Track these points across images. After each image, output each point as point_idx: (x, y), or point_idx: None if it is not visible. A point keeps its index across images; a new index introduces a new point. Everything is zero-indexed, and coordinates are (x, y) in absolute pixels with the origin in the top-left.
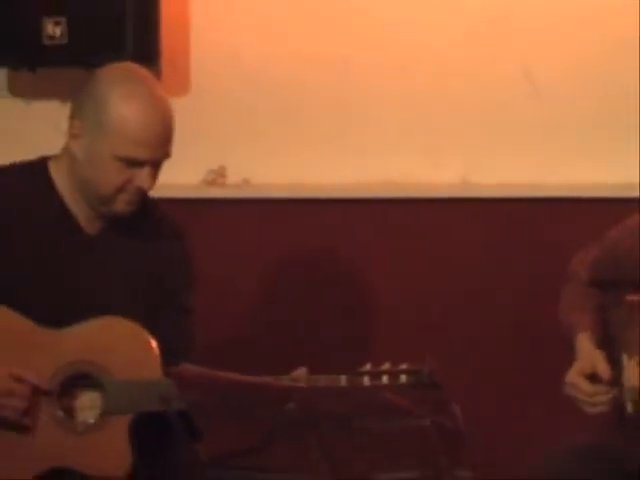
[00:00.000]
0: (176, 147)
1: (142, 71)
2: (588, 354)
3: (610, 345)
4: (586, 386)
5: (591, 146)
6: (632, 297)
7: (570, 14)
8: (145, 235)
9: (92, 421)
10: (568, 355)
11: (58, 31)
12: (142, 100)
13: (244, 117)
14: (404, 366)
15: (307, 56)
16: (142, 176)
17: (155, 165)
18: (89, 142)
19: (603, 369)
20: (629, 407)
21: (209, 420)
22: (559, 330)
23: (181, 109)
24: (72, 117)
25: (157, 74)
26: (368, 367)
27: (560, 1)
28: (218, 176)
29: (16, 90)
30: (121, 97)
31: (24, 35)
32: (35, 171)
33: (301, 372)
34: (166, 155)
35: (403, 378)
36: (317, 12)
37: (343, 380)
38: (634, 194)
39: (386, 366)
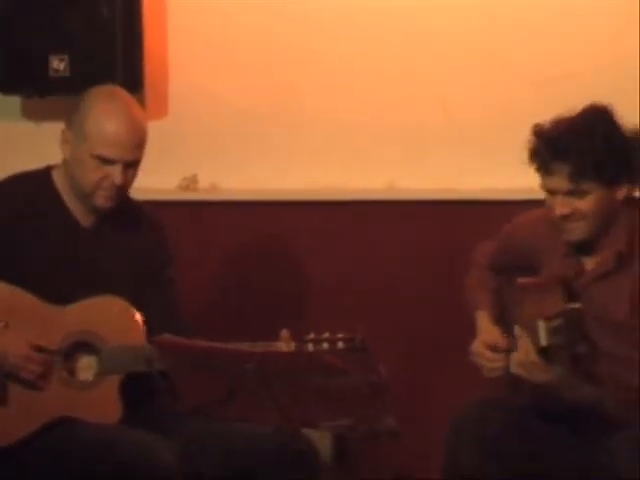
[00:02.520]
0: (156, 158)
1: (122, 92)
2: (488, 328)
3: (504, 319)
4: (488, 354)
5: (495, 157)
6: (522, 280)
7: (481, 50)
8: (131, 226)
9: (90, 379)
10: (474, 328)
11: (62, 65)
12: (116, 111)
13: (212, 134)
14: (341, 335)
15: (265, 86)
16: (114, 173)
17: (127, 165)
18: (74, 146)
19: (501, 341)
20: (513, 368)
21: (184, 376)
22: (465, 307)
23: (160, 128)
24: (65, 127)
25: (141, 100)
26: (312, 336)
27: (469, 45)
28: (191, 182)
29: (28, 114)
30: (100, 108)
31: (34, 69)
32: (40, 177)
33: (285, 333)
34: (136, 158)
35: (340, 344)
36: (273, 52)
37: (292, 345)
38: (531, 197)
39: (326, 335)
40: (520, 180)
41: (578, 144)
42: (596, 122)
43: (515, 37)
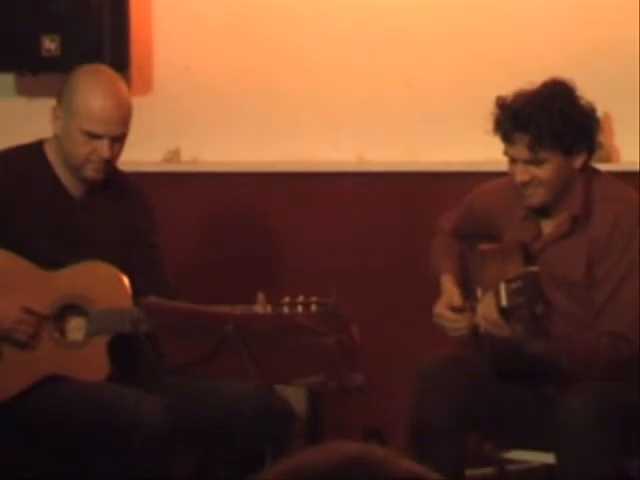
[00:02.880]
0: (142, 133)
1: (107, 70)
2: (450, 291)
3: (467, 282)
4: (449, 315)
5: (458, 132)
6: (483, 246)
7: (443, 32)
8: (117, 195)
9: (80, 340)
10: (437, 291)
11: (53, 45)
12: (101, 89)
13: (194, 111)
14: (314, 299)
15: (242, 67)
16: (102, 147)
17: (113, 140)
18: (64, 122)
19: (461, 303)
20: (482, 329)
21: (168, 337)
22: (431, 272)
23: (146, 105)
24: (55, 105)
25: (127, 78)
26: (287, 299)
27: (436, 23)
28: (174, 155)
29: (21, 91)
30: (87, 87)
31: (28, 48)
32: (33, 151)
33: (261, 296)
34: (122, 133)
35: (313, 307)
36: (249, 36)
37: (268, 308)
38: (490, 168)
39: (300, 298)
40: (480, 153)
41: (537, 116)
42: (554, 95)
43: (476, 18)
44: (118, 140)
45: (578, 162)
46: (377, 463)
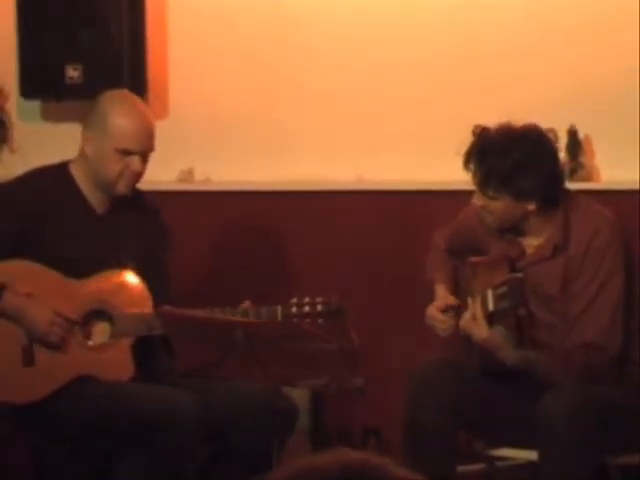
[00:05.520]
0: (158, 154)
1: (129, 93)
2: (441, 296)
3: (458, 293)
4: (439, 316)
5: (448, 154)
6: (473, 259)
7: (439, 61)
8: (136, 214)
9: (105, 342)
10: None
11: (76, 74)
12: (131, 110)
13: (206, 134)
14: (319, 299)
15: (250, 94)
16: (135, 163)
17: (143, 155)
18: (97, 143)
19: (452, 300)
20: (461, 324)
21: (182, 342)
22: (424, 282)
23: (162, 127)
24: (84, 129)
25: (145, 103)
26: (295, 300)
27: (432, 53)
28: (187, 175)
29: (46, 116)
30: (117, 109)
31: (53, 77)
32: (59, 170)
33: (246, 304)
34: (150, 148)
35: (319, 307)
36: (257, 68)
37: (279, 309)
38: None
39: (306, 299)
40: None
41: (492, 159)
42: (519, 144)
43: (462, 47)
44: (146, 155)
45: (530, 206)
46: (376, 471)
